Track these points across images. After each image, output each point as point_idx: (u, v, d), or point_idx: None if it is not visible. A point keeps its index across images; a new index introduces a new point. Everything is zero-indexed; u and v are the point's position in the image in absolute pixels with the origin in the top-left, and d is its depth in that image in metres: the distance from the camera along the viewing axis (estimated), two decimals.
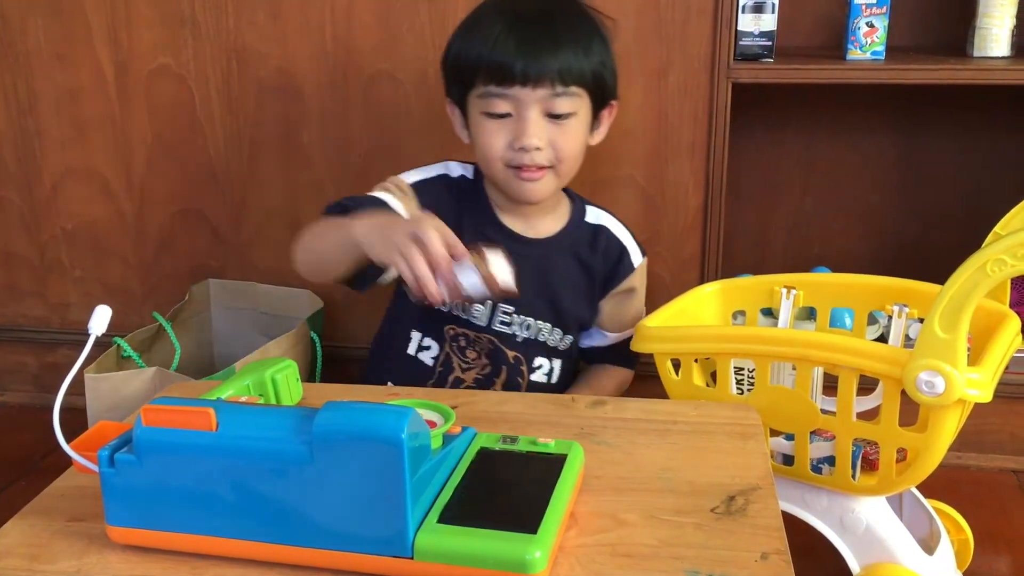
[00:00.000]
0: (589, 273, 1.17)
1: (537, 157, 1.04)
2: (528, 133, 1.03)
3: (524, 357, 1.15)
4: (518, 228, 1.14)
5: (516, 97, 1.03)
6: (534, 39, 1.02)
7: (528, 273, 1.11)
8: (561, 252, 1.15)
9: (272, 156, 1.53)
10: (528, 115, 1.03)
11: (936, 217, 1.63)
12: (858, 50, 1.37)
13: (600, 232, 1.17)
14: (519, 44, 1.01)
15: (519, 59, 1.01)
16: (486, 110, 1.05)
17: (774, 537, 0.66)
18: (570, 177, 1.11)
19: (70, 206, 1.61)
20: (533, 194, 1.09)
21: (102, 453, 0.65)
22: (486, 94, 1.04)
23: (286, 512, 0.62)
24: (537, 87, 1.02)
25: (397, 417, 0.60)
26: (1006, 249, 0.80)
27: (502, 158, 1.06)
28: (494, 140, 1.05)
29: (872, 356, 0.90)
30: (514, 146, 1.04)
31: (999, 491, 1.39)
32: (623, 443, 0.81)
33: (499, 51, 1.02)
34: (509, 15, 1.04)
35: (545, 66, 1.01)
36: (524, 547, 0.60)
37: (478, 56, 1.03)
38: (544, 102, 1.03)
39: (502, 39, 1.02)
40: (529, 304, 1.13)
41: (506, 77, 1.02)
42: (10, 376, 1.74)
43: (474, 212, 1.12)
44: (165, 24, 1.49)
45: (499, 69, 1.02)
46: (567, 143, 1.06)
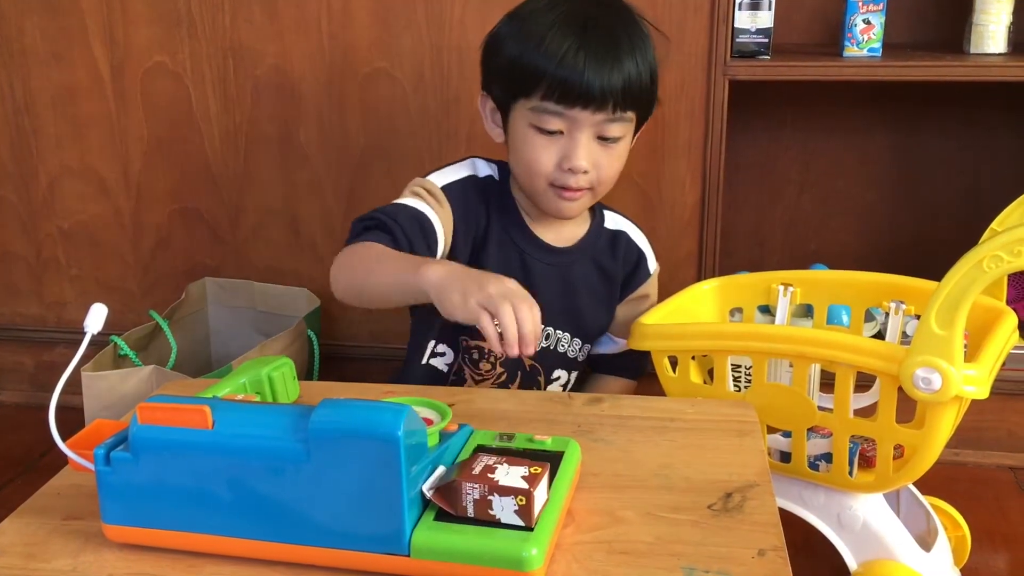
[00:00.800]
0: (609, 279, 1.16)
1: (582, 180, 1.02)
2: (579, 156, 1.00)
3: (541, 367, 1.14)
4: (544, 235, 1.11)
5: (572, 118, 0.99)
6: (602, 60, 0.96)
7: (552, 282, 1.11)
8: (583, 259, 1.13)
9: (269, 154, 1.53)
10: (581, 137, 1.00)
11: (933, 214, 1.63)
12: (855, 47, 1.37)
13: (619, 237, 1.16)
14: (589, 66, 0.96)
15: (586, 82, 0.96)
16: (538, 124, 1.00)
17: (771, 534, 0.66)
18: (605, 195, 1.08)
19: (67, 205, 1.61)
20: (569, 212, 1.07)
21: (98, 451, 0.64)
22: (541, 109, 0.99)
23: (283, 510, 0.62)
24: (597, 112, 0.98)
25: (393, 414, 0.60)
26: (1002, 245, 0.80)
27: (547, 175, 1.02)
28: (542, 156, 1.01)
29: (869, 353, 0.90)
30: (563, 166, 1.01)
31: (996, 488, 1.39)
32: (620, 440, 0.81)
33: (567, 70, 0.96)
34: (576, 28, 0.97)
35: (609, 92, 0.97)
36: (521, 544, 0.60)
37: (542, 70, 0.97)
38: (598, 126, 1.00)
39: (570, 58, 0.96)
40: (551, 313, 1.09)
41: (569, 98, 0.97)
42: (6, 375, 1.74)
43: (502, 216, 1.09)
44: (161, 22, 1.48)
45: (564, 89, 0.97)
46: (611, 166, 1.03)
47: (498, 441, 0.72)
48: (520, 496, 0.62)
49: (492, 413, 0.87)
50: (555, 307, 1.10)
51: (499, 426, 0.77)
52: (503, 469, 0.64)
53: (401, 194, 1.06)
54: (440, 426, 0.70)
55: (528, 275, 1.09)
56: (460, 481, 0.63)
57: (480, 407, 0.88)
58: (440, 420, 0.72)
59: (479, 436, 0.73)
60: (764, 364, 0.97)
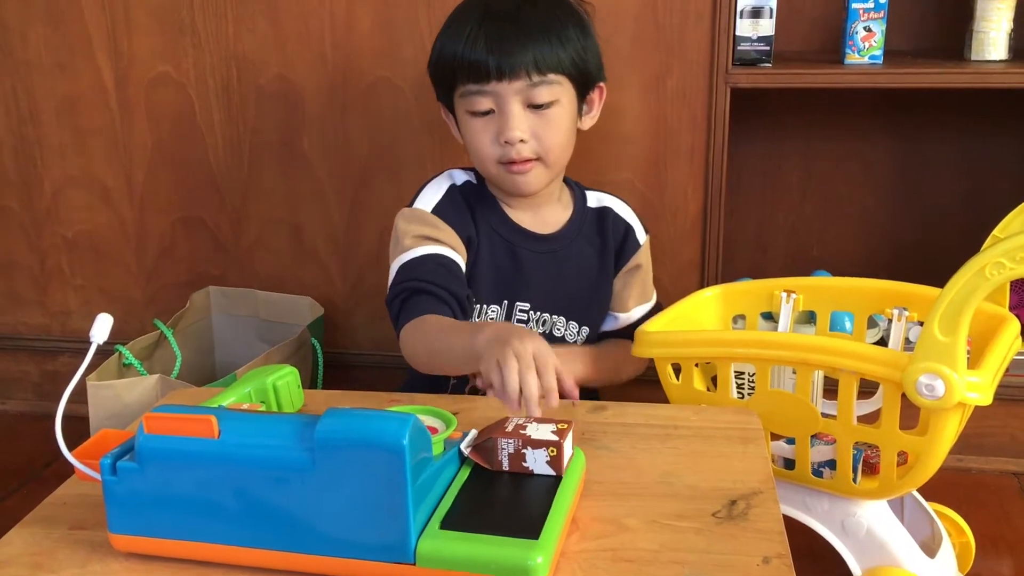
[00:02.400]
0: (602, 257, 1.17)
1: (523, 150, 1.05)
2: (510, 126, 1.03)
3: None
4: (529, 225, 1.14)
5: (495, 92, 1.03)
6: (505, 32, 1.02)
7: (544, 269, 1.13)
8: (573, 242, 1.15)
9: (272, 163, 1.53)
10: (509, 109, 1.03)
11: (935, 221, 1.63)
12: (856, 54, 1.37)
13: (605, 213, 1.18)
14: (490, 39, 1.02)
15: (491, 53, 1.02)
16: (469, 109, 1.05)
17: (776, 541, 0.66)
18: (561, 165, 1.11)
19: (71, 214, 1.62)
20: (526, 187, 1.09)
21: (104, 461, 0.65)
22: (466, 93, 1.05)
23: (288, 519, 0.63)
24: (513, 80, 1.02)
25: (399, 424, 0.60)
26: (1005, 252, 0.80)
27: (491, 155, 1.06)
28: (481, 137, 1.06)
29: (872, 360, 0.90)
30: (499, 141, 1.05)
31: (1000, 494, 1.39)
32: (624, 448, 0.81)
33: (471, 48, 1.02)
34: (480, 11, 1.05)
35: (518, 57, 1.01)
36: (526, 552, 0.60)
37: (453, 56, 1.04)
38: (523, 93, 1.03)
39: (473, 36, 1.03)
40: (545, 299, 1.13)
41: (481, 73, 1.02)
42: (11, 384, 1.74)
43: (486, 214, 1.12)
44: (165, 32, 1.49)
45: (474, 66, 1.03)
46: (551, 133, 1.05)
47: None
48: (551, 447, 0.68)
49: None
50: (549, 293, 1.13)
51: None
52: (533, 427, 0.71)
53: (401, 240, 1.07)
54: (445, 435, 0.71)
55: (519, 266, 1.12)
56: (495, 439, 0.69)
57: (485, 415, 0.88)
58: (445, 429, 0.72)
59: None
60: (767, 371, 0.97)
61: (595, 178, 1.43)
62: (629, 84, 1.39)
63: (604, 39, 1.37)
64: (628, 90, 1.40)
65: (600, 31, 1.37)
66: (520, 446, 0.69)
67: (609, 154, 1.43)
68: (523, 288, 1.13)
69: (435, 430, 0.72)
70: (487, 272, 1.12)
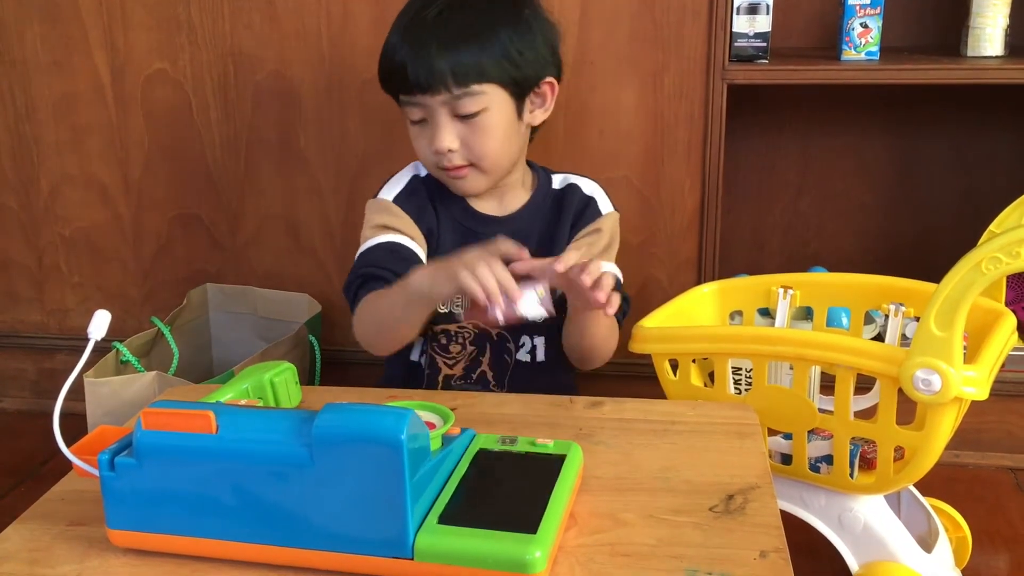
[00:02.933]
0: (559, 231, 1.14)
1: (454, 158, 1.05)
2: (437, 137, 1.04)
3: (509, 335, 1.14)
4: (488, 209, 1.14)
5: (424, 103, 1.03)
6: (424, 43, 1.01)
7: None
8: (531, 222, 1.14)
9: (269, 160, 1.53)
10: (436, 120, 1.03)
11: (931, 216, 1.63)
12: (852, 51, 1.37)
13: (567, 191, 1.16)
14: (409, 51, 1.02)
15: (409, 67, 1.01)
16: (408, 117, 1.07)
17: (773, 535, 0.66)
18: (501, 169, 1.09)
19: (68, 212, 1.61)
20: (467, 190, 1.10)
21: (103, 457, 0.65)
22: (402, 102, 1.06)
23: (286, 514, 0.63)
24: (434, 93, 1.02)
25: (396, 419, 0.60)
26: (1001, 247, 0.80)
27: (429, 160, 1.08)
28: (419, 144, 1.07)
29: (869, 355, 0.90)
30: (431, 149, 1.05)
31: (996, 489, 1.39)
32: (621, 443, 0.81)
33: (393, 60, 1.03)
34: (408, 18, 1.04)
35: (435, 71, 1.00)
36: (524, 547, 0.60)
37: (384, 66, 1.06)
38: (448, 104, 1.02)
39: (396, 47, 1.03)
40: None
41: (406, 85, 1.03)
42: (8, 382, 1.74)
43: (448, 204, 1.13)
44: (161, 29, 1.49)
45: (398, 78, 1.03)
46: (481, 141, 1.04)
47: (500, 444, 0.73)
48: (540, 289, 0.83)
49: (494, 417, 0.87)
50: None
51: (501, 430, 0.77)
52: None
53: (363, 231, 1.11)
54: (443, 430, 0.71)
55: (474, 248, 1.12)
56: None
57: (482, 411, 0.89)
58: (443, 424, 0.72)
59: (481, 440, 0.74)
60: (764, 366, 0.97)
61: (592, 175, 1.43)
62: (626, 81, 1.40)
63: (601, 36, 1.38)
64: (625, 87, 1.40)
65: (597, 28, 1.38)
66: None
67: (606, 151, 1.43)
68: None
69: (433, 425, 0.72)
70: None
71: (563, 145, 1.43)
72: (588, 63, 1.39)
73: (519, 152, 1.11)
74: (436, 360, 1.14)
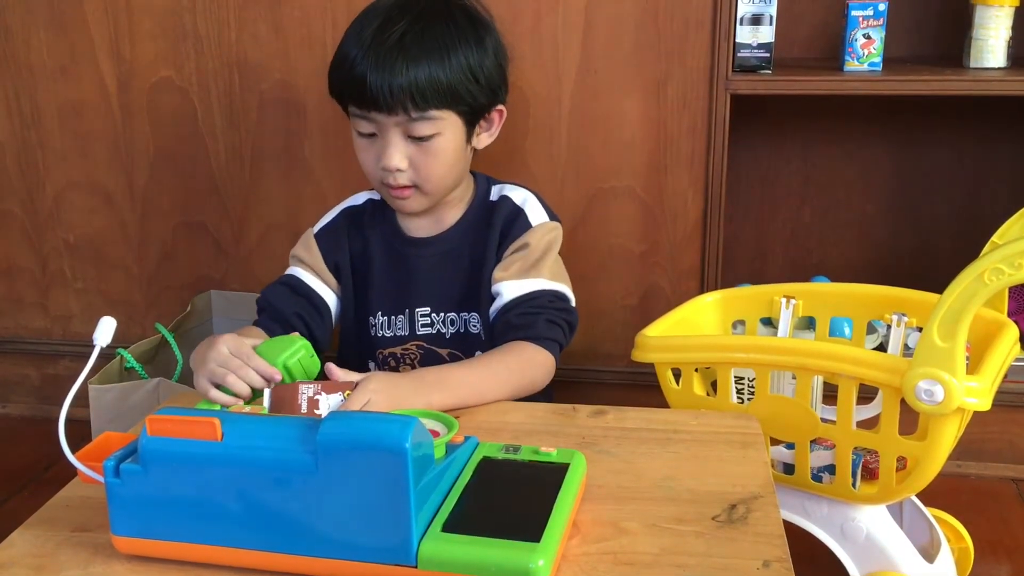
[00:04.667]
0: (488, 247, 1.12)
1: (400, 178, 1.05)
2: (387, 155, 1.03)
3: (460, 351, 1.13)
4: (420, 231, 1.14)
5: (376, 120, 1.03)
6: (387, 62, 1.00)
7: (435, 270, 1.12)
8: (463, 239, 1.13)
9: (273, 168, 1.54)
10: (388, 138, 1.03)
11: (933, 227, 1.63)
12: (855, 61, 1.38)
13: (498, 204, 1.13)
14: (373, 69, 1.00)
15: (370, 83, 1.00)
16: (356, 128, 1.06)
17: (776, 545, 0.66)
18: (444, 191, 1.09)
19: (72, 218, 1.62)
20: (406, 208, 1.10)
21: (108, 463, 0.65)
22: (353, 114, 1.06)
23: (291, 521, 0.63)
24: (392, 114, 1.01)
25: (401, 427, 0.60)
26: (1003, 258, 0.80)
27: (373, 175, 1.08)
28: (365, 157, 1.07)
29: (871, 365, 0.90)
30: (378, 165, 1.05)
31: (999, 499, 1.39)
32: (624, 452, 0.81)
33: (354, 75, 1.02)
34: (370, 32, 1.02)
35: (398, 93, 1.00)
36: (528, 555, 0.60)
37: (339, 77, 1.05)
38: (403, 125, 1.03)
39: (359, 61, 1.01)
40: (447, 299, 1.12)
41: (363, 103, 1.02)
42: (12, 388, 1.75)
43: (381, 228, 1.15)
44: (167, 37, 1.50)
45: (357, 92, 1.02)
46: (429, 164, 1.05)
47: (504, 453, 0.73)
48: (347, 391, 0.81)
49: (497, 425, 0.88)
50: (445, 293, 1.12)
51: (504, 438, 0.78)
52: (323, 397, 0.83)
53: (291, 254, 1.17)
54: (447, 438, 0.71)
55: (411, 273, 1.13)
56: (297, 383, 0.82)
57: (486, 419, 0.89)
58: (447, 432, 0.72)
59: (485, 448, 0.74)
60: (767, 376, 0.97)
61: (595, 184, 1.44)
62: (630, 90, 1.40)
63: (605, 46, 1.38)
64: (629, 96, 1.40)
65: (601, 38, 1.38)
66: (318, 391, 0.81)
67: (609, 160, 1.43)
68: (418, 294, 1.13)
69: (437, 433, 0.72)
70: (385, 285, 1.13)
71: (566, 154, 1.43)
72: (592, 72, 1.40)
73: (462, 174, 1.12)
74: None
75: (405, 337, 1.13)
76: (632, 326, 1.18)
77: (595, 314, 1.47)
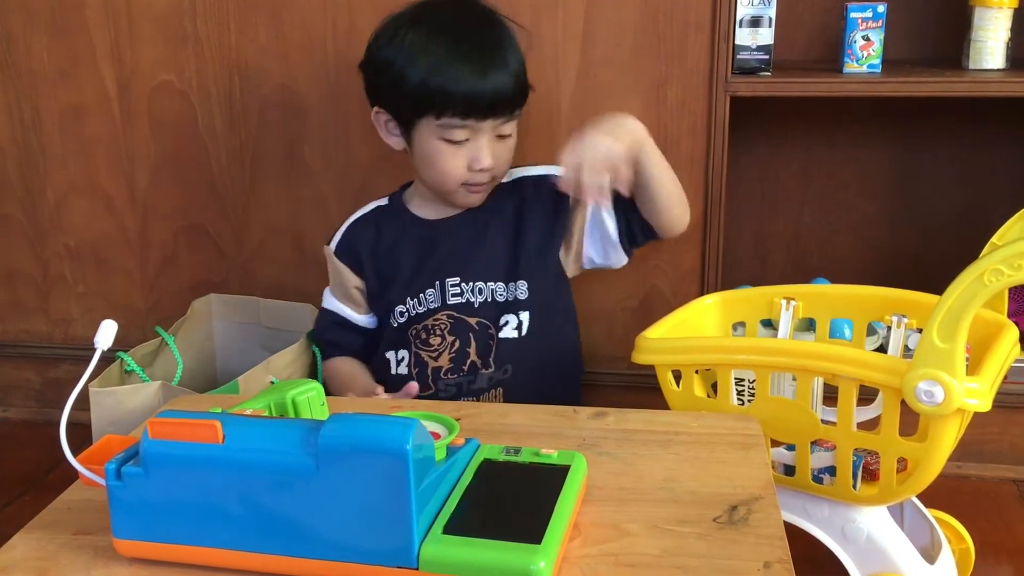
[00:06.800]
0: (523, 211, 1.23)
1: (485, 176, 1.16)
2: (483, 157, 1.14)
3: (488, 320, 1.20)
4: (432, 215, 1.25)
5: (476, 127, 1.13)
6: (488, 70, 1.11)
7: (454, 246, 1.22)
8: (483, 213, 1.23)
9: (274, 172, 1.54)
10: (484, 141, 1.14)
11: (933, 228, 1.64)
12: (854, 63, 1.38)
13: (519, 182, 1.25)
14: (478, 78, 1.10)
15: (489, 99, 1.11)
16: (446, 137, 1.14)
17: (777, 546, 0.67)
18: None
19: (73, 222, 1.62)
20: (476, 202, 1.21)
21: (109, 466, 0.65)
22: (449, 125, 1.13)
23: (292, 524, 0.63)
24: (496, 117, 1.13)
25: (402, 429, 0.60)
26: (1003, 259, 0.80)
27: (458, 177, 1.16)
28: (451, 161, 1.15)
29: (872, 366, 0.91)
30: (472, 168, 1.15)
31: (999, 501, 1.39)
32: (625, 454, 0.81)
33: (471, 92, 1.10)
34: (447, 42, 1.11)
35: (502, 97, 1.12)
36: (529, 557, 0.61)
37: (449, 94, 1.11)
38: (496, 128, 1.15)
39: (472, 81, 1.10)
40: (472, 270, 1.21)
41: (474, 113, 1.12)
42: (12, 392, 1.75)
43: (396, 224, 1.26)
44: (168, 41, 1.50)
45: (468, 108, 1.11)
46: (505, 158, 1.18)
47: (505, 455, 0.73)
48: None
49: (498, 427, 0.88)
50: (472, 261, 1.21)
51: (505, 440, 0.78)
52: None
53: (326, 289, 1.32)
54: (447, 440, 0.71)
55: (436, 248, 1.22)
56: None
57: (486, 421, 0.89)
58: (448, 434, 0.73)
59: (486, 450, 0.74)
60: (767, 378, 0.98)
61: None
62: (629, 93, 1.40)
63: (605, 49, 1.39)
64: (628, 99, 1.40)
65: (601, 41, 1.39)
66: None
67: None
68: (446, 265, 1.21)
69: (438, 435, 0.72)
70: (411, 267, 1.22)
71: None
72: (591, 75, 1.40)
73: None
74: (421, 356, 1.21)
75: (436, 308, 1.21)
76: (632, 328, 1.18)
77: (595, 316, 1.47)
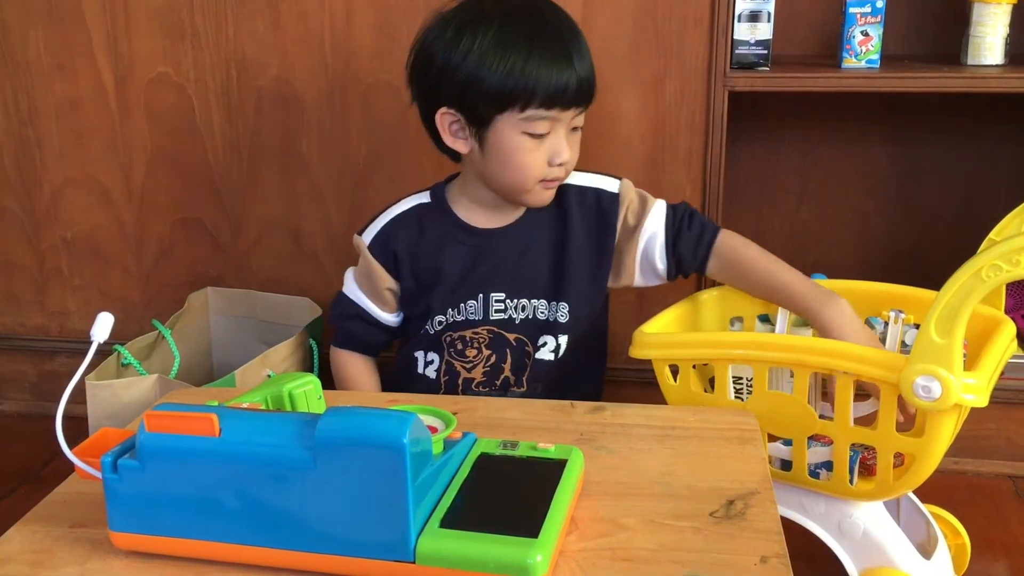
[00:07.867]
0: (567, 229, 1.16)
1: (562, 170, 1.10)
2: (562, 149, 1.08)
3: (527, 338, 1.17)
4: (480, 223, 1.16)
5: (557, 118, 1.07)
6: (568, 60, 1.05)
7: (507, 256, 1.15)
8: (533, 225, 1.16)
9: (271, 165, 1.54)
10: (563, 133, 1.08)
11: (931, 224, 1.64)
12: (853, 58, 1.38)
13: (564, 191, 1.16)
14: (574, 75, 1.05)
15: (575, 89, 1.05)
16: (530, 131, 1.06)
17: (773, 541, 0.67)
18: None
19: (70, 215, 1.62)
20: (548, 200, 1.14)
21: (105, 459, 0.65)
22: (534, 117, 1.06)
23: (289, 517, 0.63)
24: (579, 107, 1.08)
25: (399, 422, 0.60)
26: (1001, 255, 0.80)
27: (538, 174, 1.09)
28: (532, 157, 1.08)
29: (869, 361, 0.91)
30: (553, 162, 1.08)
31: (995, 496, 1.39)
32: (622, 448, 0.81)
33: (554, 78, 1.04)
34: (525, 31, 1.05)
35: (585, 86, 1.06)
36: (526, 551, 0.61)
37: (535, 87, 1.04)
38: (573, 120, 1.09)
39: (561, 72, 1.04)
40: (518, 286, 1.15)
41: (561, 104, 1.05)
42: (8, 385, 1.74)
43: (441, 227, 1.17)
44: (165, 34, 1.49)
45: (556, 98, 1.05)
46: (577, 151, 1.12)
47: (501, 449, 0.73)
48: None
49: (496, 421, 0.88)
50: (517, 278, 1.15)
51: (502, 434, 0.78)
52: None
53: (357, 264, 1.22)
54: (445, 434, 0.71)
55: (483, 260, 1.15)
56: None
57: (484, 415, 0.89)
58: (445, 428, 0.72)
59: (483, 444, 0.74)
60: (765, 373, 0.98)
61: None
62: (628, 87, 1.40)
63: (603, 43, 1.38)
64: (627, 93, 1.40)
65: (599, 35, 1.38)
66: None
67: (607, 157, 1.43)
68: (492, 279, 1.16)
69: (435, 429, 0.72)
70: (455, 276, 1.15)
71: None
72: None
73: None
74: (454, 365, 1.17)
75: (477, 321, 1.16)
76: (630, 323, 1.18)
77: None
